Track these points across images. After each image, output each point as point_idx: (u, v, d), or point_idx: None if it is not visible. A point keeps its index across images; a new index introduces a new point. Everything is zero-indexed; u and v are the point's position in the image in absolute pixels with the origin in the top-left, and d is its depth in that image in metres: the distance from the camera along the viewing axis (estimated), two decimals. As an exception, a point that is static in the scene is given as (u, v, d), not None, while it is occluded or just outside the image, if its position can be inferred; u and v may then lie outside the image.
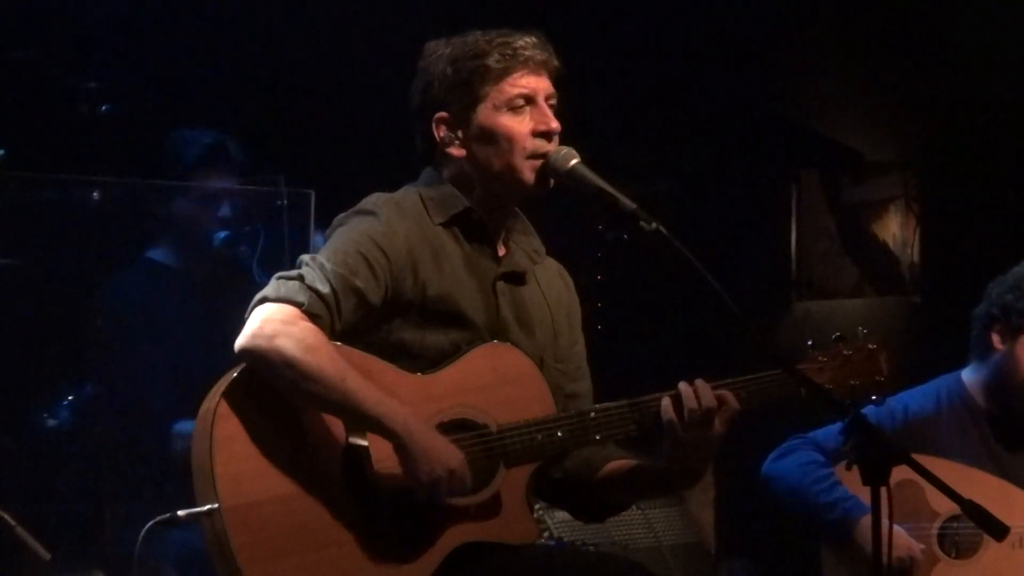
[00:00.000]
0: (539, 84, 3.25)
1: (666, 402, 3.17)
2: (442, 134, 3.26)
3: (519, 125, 3.22)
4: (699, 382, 3.18)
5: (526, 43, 3.24)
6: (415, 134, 3.33)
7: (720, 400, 3.17)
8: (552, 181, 3.24)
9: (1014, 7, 5.95)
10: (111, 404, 4.58)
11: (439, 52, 3.27)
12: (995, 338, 4.42)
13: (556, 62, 3.28)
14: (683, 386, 3.17)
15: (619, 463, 3.35)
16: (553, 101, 3.27)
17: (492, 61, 3.22)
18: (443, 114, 3.25)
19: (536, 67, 3.25)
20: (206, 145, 4.80)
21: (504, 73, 3.22)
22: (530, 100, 3.24)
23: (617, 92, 6.30)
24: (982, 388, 4.48)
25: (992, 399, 4.47)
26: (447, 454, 3.06)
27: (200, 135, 4.85)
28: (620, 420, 3.22)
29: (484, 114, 3.23)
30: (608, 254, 6.31)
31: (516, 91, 3.22)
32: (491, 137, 3.23)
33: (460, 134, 3.25)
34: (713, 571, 5.51)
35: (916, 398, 4.52)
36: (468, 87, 3.23)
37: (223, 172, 4.81)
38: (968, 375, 4.52)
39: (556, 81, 3.29)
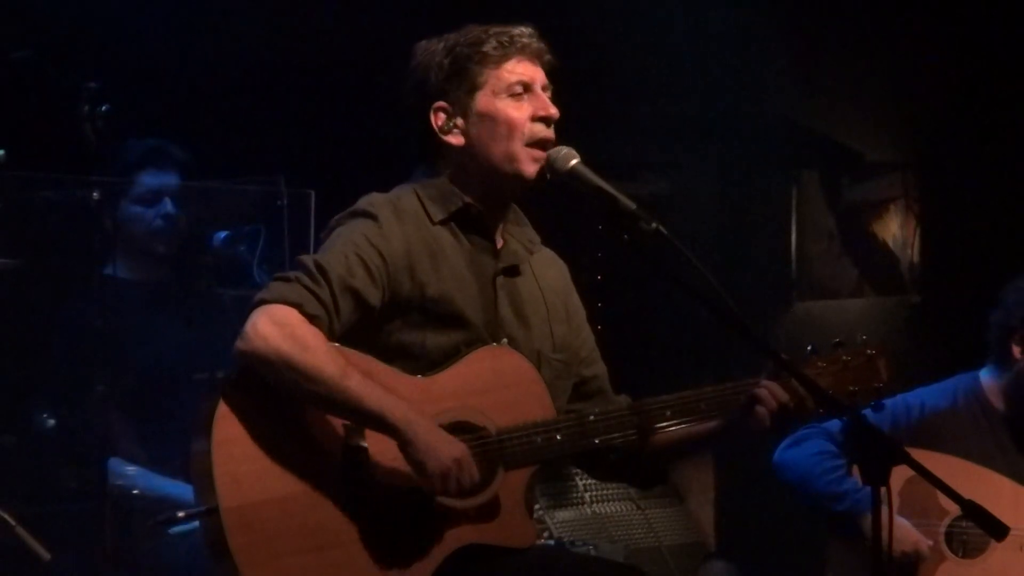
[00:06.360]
0: (536, 73, 3.27)
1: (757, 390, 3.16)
2: (440, 122, 3.26)
3: (518, 111, 3.24)
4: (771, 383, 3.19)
5: (522, 32, 3.27)
6: (411, 132, 3.32)
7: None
8: (549, 175, 3.24)
9: (1012, 6, 5.96)
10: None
11: (432, 48, 3.28)
12: (1016, 349, 4.44)
13: (550, 55, 3.30)
14: (768, 383, 3.17)
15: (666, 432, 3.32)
16: (549, 93, 3.28)
17: (490, 48, 3.24)
18: (442, 103, 3.26)
19: (532, 56, 3.27)
20: (148, 145, 4.76)
21: (502, 59, 3.24)
22: (528, 88, 3.26)
23: (617, 92, 6.30)
24: (1001, 393, 4.51)
25: (1011, 404, 4.49)
26: (451, 445, 3.06)
27: (143, 140, 4.81)
28: (620, 424, 3.23)
29: (483, 100, 3.24)
30: (608, 254, 6.32)
31: (515, 77, 3.24)
32: (491, 122, 3.23)
33: (459, 122, 3.25)
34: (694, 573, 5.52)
35: (933, 395, 4.54)
36: (466, 74, 3.24)
37: (165, 167, 4.75)
38: (986, 377, 4.54)
39: (550, 75, 3.30)
